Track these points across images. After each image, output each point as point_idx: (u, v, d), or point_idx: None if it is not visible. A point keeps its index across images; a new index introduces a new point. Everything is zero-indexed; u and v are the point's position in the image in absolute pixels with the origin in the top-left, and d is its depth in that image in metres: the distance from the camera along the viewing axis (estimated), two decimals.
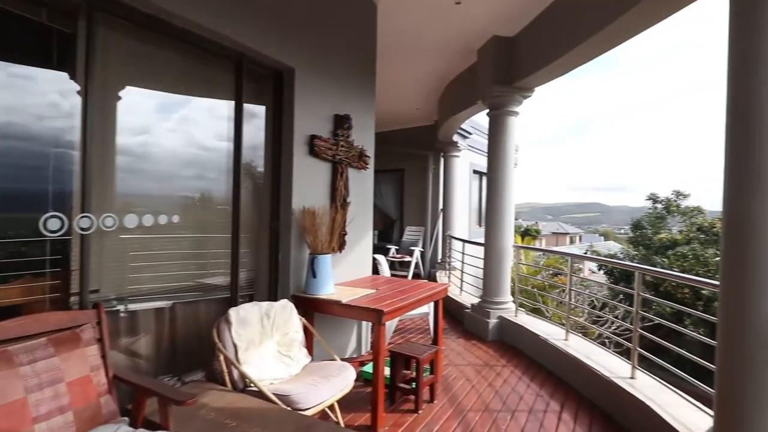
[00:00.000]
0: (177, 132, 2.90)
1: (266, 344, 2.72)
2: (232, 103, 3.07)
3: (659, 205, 16.43)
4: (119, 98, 2.58)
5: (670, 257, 13.69)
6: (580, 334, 4.32)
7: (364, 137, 4.15)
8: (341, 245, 3.81)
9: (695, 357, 2.73)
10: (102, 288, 2.43)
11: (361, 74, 4.20)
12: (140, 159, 2.69)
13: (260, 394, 2.32)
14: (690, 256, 13.19)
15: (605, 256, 17.77)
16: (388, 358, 3.34)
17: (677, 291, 12.45)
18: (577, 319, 4.97)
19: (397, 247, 9.53)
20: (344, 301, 3.04)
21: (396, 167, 10.66)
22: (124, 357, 2.62)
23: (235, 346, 2.52)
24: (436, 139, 9.18)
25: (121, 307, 2.59)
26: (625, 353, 3.69)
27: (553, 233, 59.56)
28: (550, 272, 11.06)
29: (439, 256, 9.79)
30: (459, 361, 4.33)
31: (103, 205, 2.38)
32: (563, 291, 9.01)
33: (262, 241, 3.40)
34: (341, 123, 3.80)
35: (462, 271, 6.88)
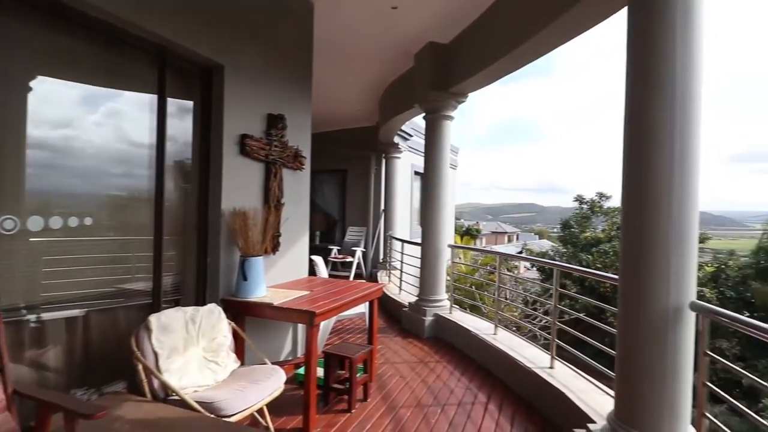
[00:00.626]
0: (100, 126, 2.73)
1: (191, 351, 2.62)
2: (155, 97, 2.93)
3: (585, 206, 17.68)
4: (30, 89, 2.38)
5: (594, 254, 14.81)
6: (508, 329, 4.56)
7: (299, 137, 4.11)
8: (275, 247, 3.75)
9: (601, 345, 2.98)
10: (4, 296, 2.22)
11: (297, 74, 4.16)
12: (59, 155, 2.50)
13: (182, 403, 2.23)
14: (611, 253, 14.34)
15: (537, 254, 18.85)
16: (322, 359, 3.35)
17: (600, 285, 13.49)
18: (503, 314, 5.23)
19: (339, 248, 9.51)
20: (276, 303, 3.00)
21: (339, 168, 10.64)
22: (32, 370, 2.41)
23: (155, 354, 2.40)
24: (377, 140, 9.28)
25: (31, 317, 2.39)
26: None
27: (493, 232, 62.19)
28: (488, 270, 11.55)
29: (381, 257, 9.90)
30: (395, 359, 4.41)
31: (3, 205, 2.18)
32: (504, 287, 9.47)
33: (190, 244, 3.27)
34: (275, 123, 3.74)
35: (401, 271, 7.01)
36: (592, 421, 2.59)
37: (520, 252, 24.03)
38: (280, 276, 3.85)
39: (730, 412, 10.49)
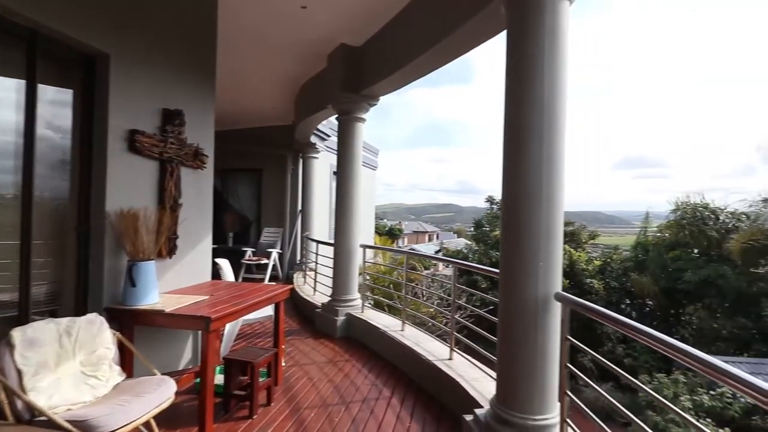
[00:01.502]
0: None
1: (66, 366, 2.39)
2: (24, 83, 2.62)
3: (495, 207, 18.93)
4: None
5: None
6: (415, 325, 4.76)
7: (201, 135, 3.92)
8: (171, 250, 3.54)
9: (487, 333, 3.22)
10: None
11: (198, 68, 3.96)
12: None
13: (50, 424, 2.03)
14: None
15: (452, 251, 19.79)
16: (223, 366, 3.23)
17: None
18: (411, 311, 5.44)
19: (253, 250, 9.20)
20: (168, 310, 2.84)
21: (254, 167, 10.30)
22: None
23: (18, 371, 2.15)
24: (294, 139, 9.12)
25: None
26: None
27: (414, 232, 64.11)
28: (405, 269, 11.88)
29: (298, 258, 9.76)
30: (304, 361, 4.39)
31: None
32: (417, 285, 9.80)
33: (68, 248, 2.97)
34: (171, 118, 3.53)
35: (315, 272, 6.98)
36: (480, 406, 2.80)
37: (438, 251, 25.03)
38: (178, 281, 3.64)
39: (616, 389, 11.91)
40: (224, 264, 4.41)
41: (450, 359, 3.70)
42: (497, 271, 2.65)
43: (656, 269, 13.86)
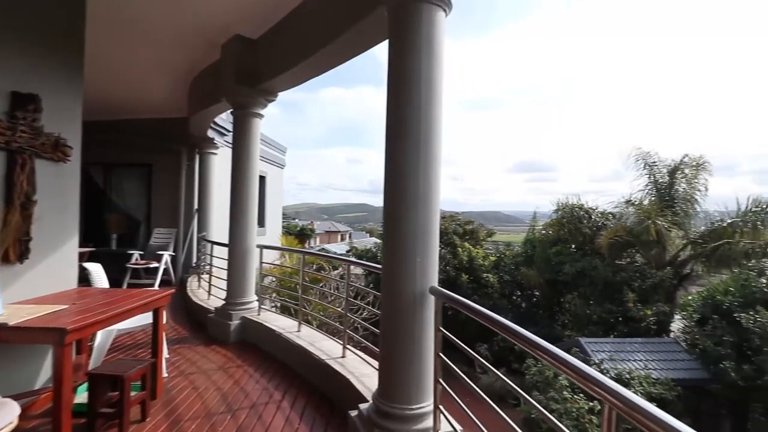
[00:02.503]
0: None
1: None
2: None
3: None
4: None
5: None
6: (312, 326, 4.72)
7: (64, 123, 3.47)
8: (23, 254, 3.08)
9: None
10: None
11: (59, 49, 3.49)
12: None
13: None
14: None
15: (360, 250, 19.99)
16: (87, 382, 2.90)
17: None
18: (309, 311, 5.40)
19: (141, 253, 8.40)
20: (13, 323, 2.47)
21: (142, 162, 9.42)
22: None
23: None
24: (189, 133, 8.51)
25: None
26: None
27: (327, 231, 63.73)
28: (314, 268, 11.74)
29: (194, 260, 9.14)
30: (191, 370, 4.12)
31: None
32: (323, 286, 9.71)
33: None
34: (23, 103, 3.08)
35: (210, 275, 6.59)
36: (367, 401, 2.86)
37: (349, 250, 25.14)
38: (33, 289, 3.18)
39: (509, 373, 12.98)
40: (94, 268, 3.96)
41: (343, 357, 3.73)
42: (380, 266, 2.73)
43: (541, 263, 15.40)
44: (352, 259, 4.40)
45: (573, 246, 15.54)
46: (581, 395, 9.22)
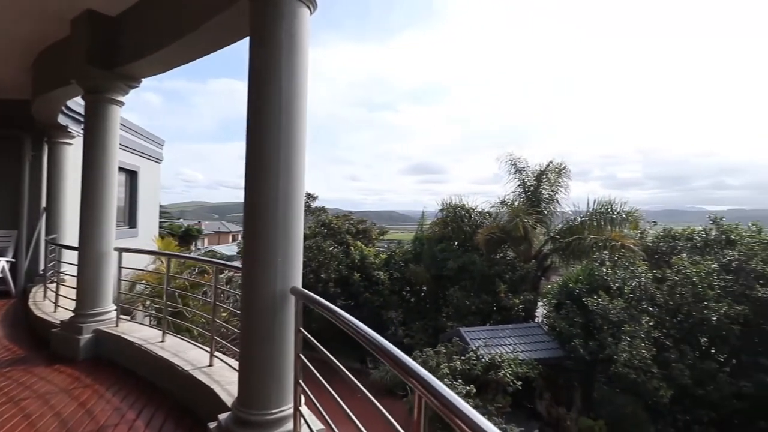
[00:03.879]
0: None
1: None
2: None
3: None
4: None
5: None
6: (178, 336, 4.36)
7: None
8: None
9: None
10: None
11: None
12: None
13: None
14: (314, 248, 16.06)
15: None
16: None
17: (305, 278, 14.89)
18: (174, 319, 4.99)
19: None
20: None
21: None
22: None
23: None
24: (33, 118, 7.27)
25: None
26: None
27: (216, 232, 59.81)
28: (196, 272, 10.88)
29: (42, 267, 7.85)
30: (24, 395, 3.51)
31: None
32: (206, 293, 9.03)
33: None
34: None
35: (58, 283, 5.72)
36: (230, 410, 2.71)
37: (239, 252, 23.90)
38: None
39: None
40: None
41: (210, 365, 3.50)
42: (239, 266, 2.61)
43: (428, 260, 16.31)
44: (219, 260, 4.15)
45: (456, 243, 16.72)
46: (460, 381, 9.97)
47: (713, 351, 10.45)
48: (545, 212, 16.41)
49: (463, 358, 10.72)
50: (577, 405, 11.73)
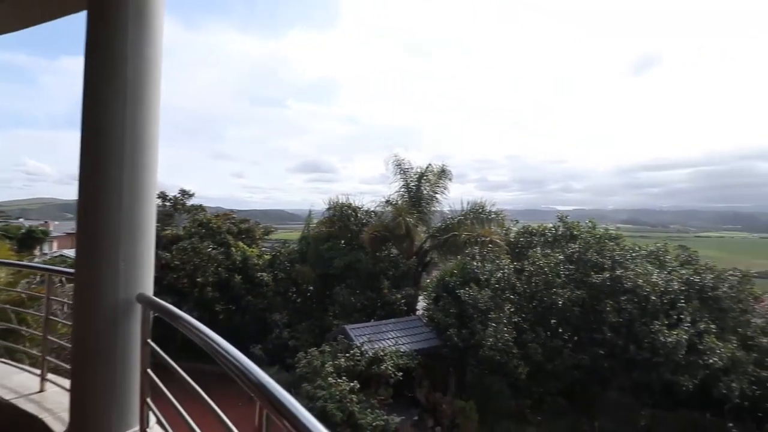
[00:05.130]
0: None
1: None
2: None
3: (168, 204, 17.44)
4: None
5: (174, 252, 14.83)
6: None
7: None
8: None
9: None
10: None
11: None
12: None
13: None
14: (189, 249, 14.80)
15: None
16: None
17: (178, 282, 13.65)
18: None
19: None
20: None
21: None
22: None
23: None
24: None
25: None
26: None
27: (69, 233, 51.43)
28: (37, 281, 9.19)
29: None
30: None
31: None
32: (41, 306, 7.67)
33: None
34: None
35: None
36: None
37: None
38: None
39: (282, 369, 13.10)
40: None
41: (41, 391, 2.98)
42: (71, 271, 2.26)
43: (315, 259, 16.18)
44: (52, 267, 3.55)
45: (343, 242, 16.86)
46: (344, 378, 10.07)
47: (560, 330, 12.16)
48: (426, 211, 17.44)
49: (347, 355, 10.85)
50: (451, 389, 12.70)
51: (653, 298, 11.05)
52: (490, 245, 14.87)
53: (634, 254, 12.65)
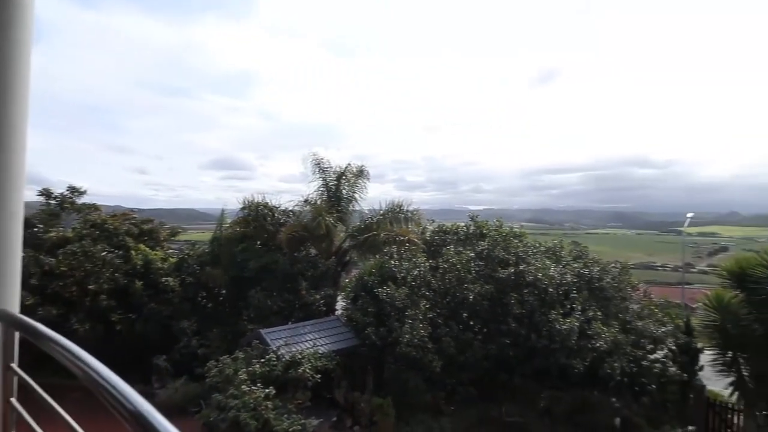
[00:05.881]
0: None
1: None
2: None
3: (54, 202, 15.38)
4: None
5: (60, 256, 13.13)
6: None
7: None
8: None
9: None
10: None
11: None
12: None
13: None
14: (79, 253, 13.19)
15: None
16: None
17: (65, 291, 12.11)
18: None
19: None
20: None
21: None
22: None
23: None
24: None
25: None
26: None
27: None
28: None
29: None
30: None
31: None
32: None
33: None
34: None
35: None
36: None
37: None
38: None
39: (191, 380, 12.22)
40: None
41: None
42: None
43: (228, 261, 15.34)
44: None
45: (258, 242, 16.21)
46: (259, 385, 9.68)
47: (471, 323, 12.87)
48: (345, 211, 17.43)
49: (263, 360, 10.45)
50: (370, 387, 12.82)
51: (551, 290, 12.13)
52: (407, 244, 15.28)
53: (535, 250, 13.78)
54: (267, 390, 9.54)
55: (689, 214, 33.89)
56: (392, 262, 14.27)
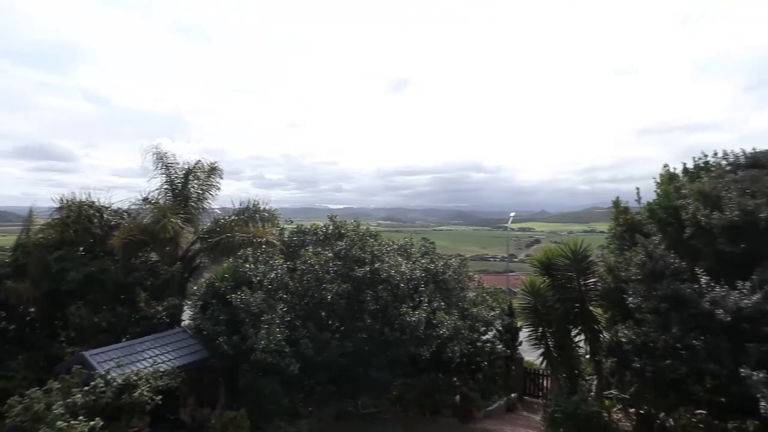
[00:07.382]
0: None
1: None
2: None
3: None
4: None
5: None
6: None
7: None
8: None
9: None
10: None
11: None
12: None
13: None
14: None
15: None
16: None
17: None
18: None
19: None
20: None
21: None
22: None
23: None
24: None
25: None
26: None
27: None
28: None
29: None
30: None
31: None
32: None
33: None
34: None
35: None
36: None
37: None
38: None
39: None
40: None
41: None
42: None
43: (38, 272, 12.61)
44: None
45: (82, 249, 13.74)
46: (82, 418, 8.23)
47: (330, 323, 13.01)
48: (194, 211, 15.96)
49: (86, 388, 8.90)
50: (221, 401, 12.00)
51: (402, 285, 13.02)
52: (264, 246, 14.69)
53: (388, 248, 14.61)
54: (92, 422, 8.17)
55: (512, 213, 40.10)
56: (247, 265, 13.57)
